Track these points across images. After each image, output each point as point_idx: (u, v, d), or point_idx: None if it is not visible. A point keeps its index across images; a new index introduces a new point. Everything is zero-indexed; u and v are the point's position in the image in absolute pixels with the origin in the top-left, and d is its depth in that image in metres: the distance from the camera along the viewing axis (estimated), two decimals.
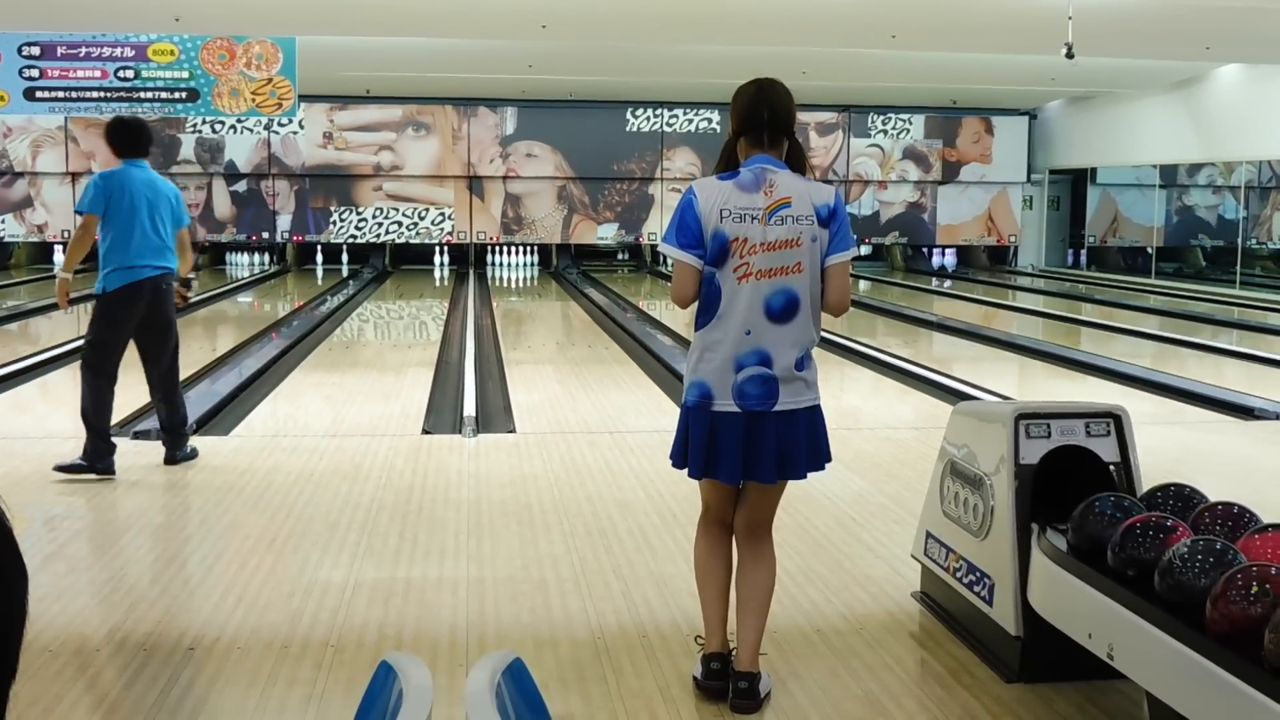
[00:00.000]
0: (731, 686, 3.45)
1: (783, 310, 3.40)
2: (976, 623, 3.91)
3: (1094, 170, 22.32)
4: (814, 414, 3.50)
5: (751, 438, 3.41)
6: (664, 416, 7.68)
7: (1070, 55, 10.28)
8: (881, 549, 5.03)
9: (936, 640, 4.04)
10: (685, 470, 3.54)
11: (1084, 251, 23.05)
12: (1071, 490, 3.63)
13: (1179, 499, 3.42)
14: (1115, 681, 3.44)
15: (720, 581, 3.59)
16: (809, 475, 3.54)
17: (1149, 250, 22.15)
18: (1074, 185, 23.18)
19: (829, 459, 3.57)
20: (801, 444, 3.46)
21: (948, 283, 20.76)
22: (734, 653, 3.51)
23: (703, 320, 3.47)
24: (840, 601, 4.38)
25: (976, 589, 3.88)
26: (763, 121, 3.46)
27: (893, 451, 6.90)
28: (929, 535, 4.29)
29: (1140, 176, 22.22)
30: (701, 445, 3.44)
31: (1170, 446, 6.94)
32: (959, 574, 4.01)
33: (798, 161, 3.51)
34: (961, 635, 4.00)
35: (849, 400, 9.16)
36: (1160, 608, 2.89)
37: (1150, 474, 3.84)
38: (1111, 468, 3.78)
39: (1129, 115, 19.68)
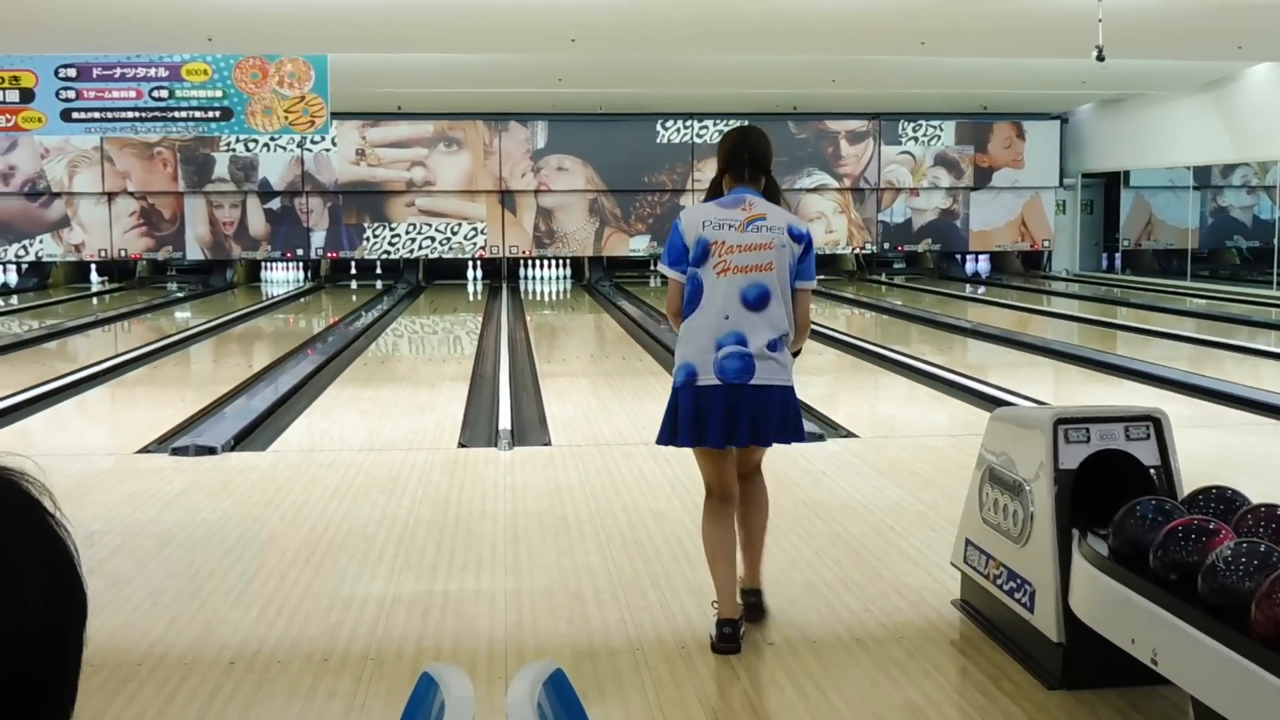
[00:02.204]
0: (742, 602, 4.10)
1: (757, 300, 3.97)
2: (1018, 629, 3.88)
3: (1127, 173, 22.15)
4: (788, 393, 4.04)
5: (731, 407, 3.95)
6: None
7: (1101, 58, 10.22)
8: (920, 557, 5.00)
9: (977, 648, 4.02)
10: (675, 445, 4.05)
11: (1119, 255, 22.86)
12: (1111, 495, 3.60)
13: (1221, 502, 3.39)
14: (1159, 687, 3.41)
15: (727, 551, 4.08)
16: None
17: (1184, 252, 21.97)
18: (1107, 189, 23.00)
19: (801, 437, 4.14)
20: (773, 416, 3.98)
21: (981, 289, 20.65)
22: (742, 578, 4.16)
23: (689, 310, 4.05)
24: (879, 610, 4.36)
25: (1017, 595, 3.86)
26: (744, 160, 4.14)
27: (929, 459, 6.86)
28: (968, 542, 4.26)
29: (1174, 178, 22.04)
30: (690, 417, 3.98)
31: (1208, 449, 6.87)
32: (999, 581, 3.99)
33: (773, 195, 4.16)
34: (1002, 642, 3.98)
35: (884, 408, 9.12)
36: (1204, 611, 2.87)
37: (1189, 477, 3.81)
38: (1152, 471, 3.74)
39: (1161, 117, 19.54)
